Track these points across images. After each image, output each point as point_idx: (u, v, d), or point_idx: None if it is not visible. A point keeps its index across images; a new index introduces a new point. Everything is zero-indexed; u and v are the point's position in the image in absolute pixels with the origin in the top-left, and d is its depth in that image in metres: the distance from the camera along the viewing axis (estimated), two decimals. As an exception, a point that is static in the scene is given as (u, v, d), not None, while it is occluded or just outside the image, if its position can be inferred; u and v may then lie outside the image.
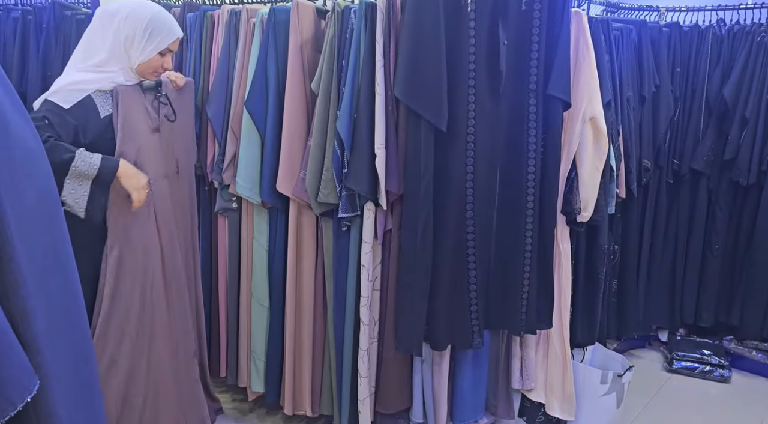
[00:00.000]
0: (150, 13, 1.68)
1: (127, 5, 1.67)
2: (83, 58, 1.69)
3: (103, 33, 1.67)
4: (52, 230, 0.86)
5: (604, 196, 2.20)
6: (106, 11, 1.69)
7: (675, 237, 2.93)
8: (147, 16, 1.67)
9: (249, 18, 2.02)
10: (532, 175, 1.93)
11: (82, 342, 0.92)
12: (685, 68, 2.79)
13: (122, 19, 1.66)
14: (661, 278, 2.94)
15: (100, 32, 1.68)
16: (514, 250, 1.96)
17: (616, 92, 2.34)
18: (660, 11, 2.92)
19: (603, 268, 2.34)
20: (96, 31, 1.69)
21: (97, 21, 1.70)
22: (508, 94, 1.88)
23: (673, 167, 2.85)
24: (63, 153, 1.55)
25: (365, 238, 1.94)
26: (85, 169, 1.57)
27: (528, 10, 1.83)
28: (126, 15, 1.66)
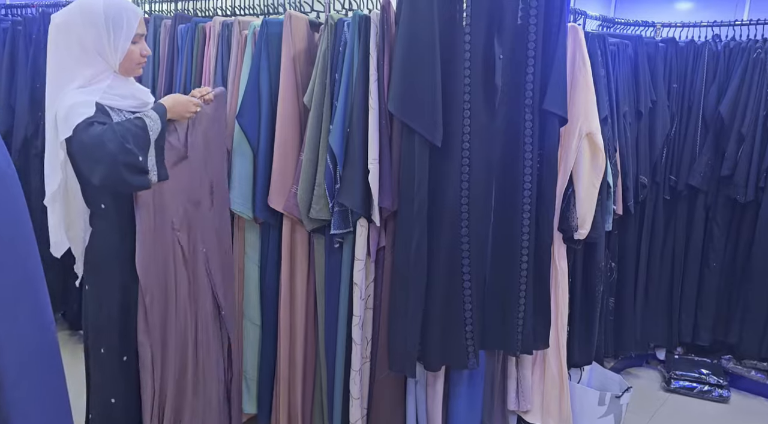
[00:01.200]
0: (101, 5, 1.50)
1: (73, 10, 1.51)
2: (62, 84, 1.50)
3: (68, 49, 1.50)
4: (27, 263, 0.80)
5: (601, 213, 2.17)
6: (58, 26, 1.52)
7: (672, 254, 2.89)
8: (99, 10, 1.49)
9: (241, 30, 1.99)
10: (528, 191, 1.89)
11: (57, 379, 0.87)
12: (681, 84, 2.77)
13: (78, 26, 1.49)
14: (658, 296, 2.90)
15: (64, 50, 1.51)
16: (510, 268, 1.92)
17: (612, 108, 2.31)
18: (656, 26, 2.91)
19: (600, 286, 2.30)
20: (59, 49, 1.51)
21: (54, 38, 1.52)
22: (503, 109, 1.85)
23: (669, 183, 2.82)
24: (131, 125, 1.45)
25: (358, 255, 1.89)
26: (156, 128, 1.49)
27: (524, 24, 1.80)
28: (80, 20, 1.49)
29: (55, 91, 1.52)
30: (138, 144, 1.44)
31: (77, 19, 1.49)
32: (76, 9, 1.50)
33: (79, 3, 1.51)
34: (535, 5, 1.79)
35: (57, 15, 1.52)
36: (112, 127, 1.42)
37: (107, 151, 1.38)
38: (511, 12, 1.80)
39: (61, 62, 1.52)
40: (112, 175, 1.40)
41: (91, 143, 1.39)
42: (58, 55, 1.52)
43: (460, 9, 1.75)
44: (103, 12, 1.49)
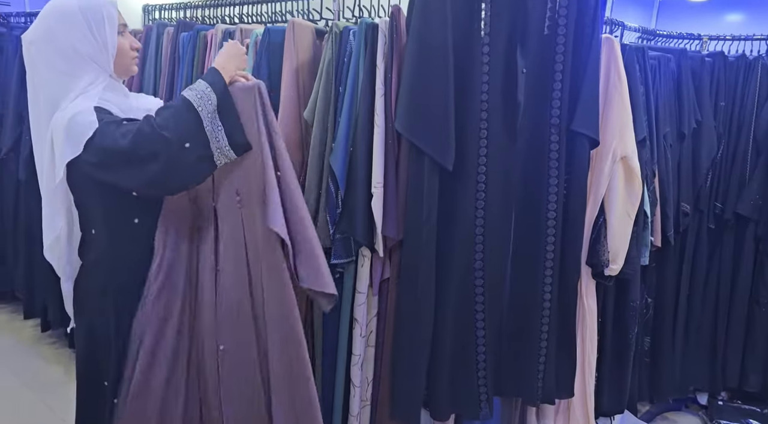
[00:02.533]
0: (74, 4, 1.32)
1: (46, 21, 1.32)
2: (58, 98, 1.32)
3: (56, 63, 1.31)
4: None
5: (636, 245, 1.94)
6: (35, 42, 1.32)
7: (717, 289, 2.61)
8: (74, 9, 1.32)
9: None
10: (552, 221, 1.68)
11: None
12: (730, 102, 2.51)
13: (60, 33, 1.31)
14: (700, 335, 2.62)
15: (51, 66, 1.32)
16: (531, 306, 1.71)
17: (651, 128, 2.08)
18: (702, 39, 2.66)
19: (634, 327, 2.05)
20: (45, 66, 1.32)
21: (35, 57, 1.33)
22: (526, 128, 1.65)
23: (715, 211, 2.55)
24: (171, 108, 1.29)
25: (359, 288, 1.70)
26: (206, 99, 1.30)
27: (551, 35, 1.60)
28: (59, 27, 1.31)
29: (45, 117, 1.33)
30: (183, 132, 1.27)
31: (56, 27, 1.31)
32: (50, 18, 1.32)
33: (50, 12, 1.33)
34: (564, 14, 1.59)
35: (29, 33, 1.34)
36: (145, 121, 1.26)
37: (152, 148, 1.24)
38: (536, 20, 1.60)
39: (50, 81, 1.33)
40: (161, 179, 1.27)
41: (128, 145, 1.23)
42: (44, 75, 1.33)
43: (478, 16, 1.56)
44: (78, 10, 1.32)
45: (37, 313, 3.04)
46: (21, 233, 3.04)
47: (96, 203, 1.37)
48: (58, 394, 2.59)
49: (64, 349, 2.92)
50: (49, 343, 3.05)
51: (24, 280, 3.05)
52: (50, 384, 2.67)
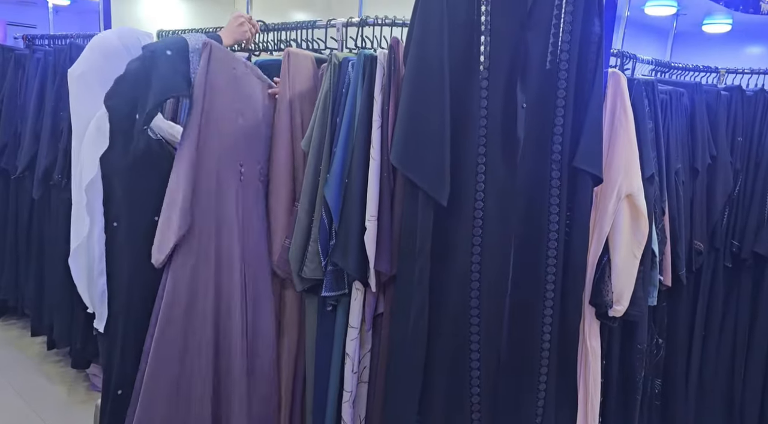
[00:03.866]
0: (114, 38, 1.57)
1: (91, 55, 1.56)
2: None
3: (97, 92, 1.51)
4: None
5: (643, 286, 1.86)
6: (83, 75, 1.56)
7: (734, 332, 2.50)
8: (115, 43, 1.57)
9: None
10: (553, 259, 1.62)
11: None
12: (748, 137, 2.43)
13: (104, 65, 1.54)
14: (716, 380, 2.51)
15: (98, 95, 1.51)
16: (529, 347, 1.64)
17: (661, 164, 2.01)
18: (719, 72, 2.59)
19: (641, 370, 1.96)
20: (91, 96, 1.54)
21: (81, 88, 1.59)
22: (526, 164, 1.60)
23: (732, 249, 2.46)
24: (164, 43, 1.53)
25: (352, 322, 1.66)
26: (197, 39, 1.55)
27: (553, 70, 1.56)
28: (103, 60, 1.54)
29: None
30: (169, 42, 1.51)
31: (100, 61, 1.54)
32: (95, 52, 1.55)
33: (92, 48, 1.56)
34: (567, 49, 1.55)
35: (75, 68, 1.55)
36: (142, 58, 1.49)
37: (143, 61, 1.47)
38: (538, 54, 1.56)
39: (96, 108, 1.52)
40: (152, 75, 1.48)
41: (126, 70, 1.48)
42: (90, 103, 1.53)
43: (477, 50, 1.54)
44: (120, 44, 1.55)
45: (44, 330, 3.06)
46: (33, 251, 3.08)
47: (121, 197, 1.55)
48: (58, 413, 2.58)
49: (68, 368, 2.93)
50: (54, 361, 3.07)
51: (33, 297, 3.08)
52: (51, 403, 2.67)
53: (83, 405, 2.67)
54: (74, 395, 2.78)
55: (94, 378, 2.92)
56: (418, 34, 1.52)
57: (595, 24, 1.55)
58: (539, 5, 1.54)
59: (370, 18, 1.78)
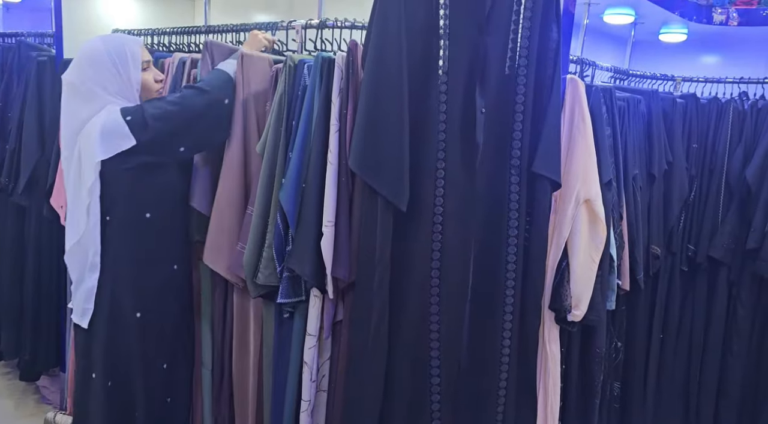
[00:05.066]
0: (101, 47, 1.57)
1: (80, 63, 1.58)
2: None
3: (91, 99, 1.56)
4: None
5: (601, 290, 1.87)
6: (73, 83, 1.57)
7: (690, 335, 2.56)
8: (101, 51, 1.56)
9: (191, 69, 1.80)
10: (512, 265, 1.62)
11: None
12: (702, 144, 2.49)
13: (91, 74, 1.56)
14: (673, 381, 2.55)
15: (88, 102, 1.56)
16: (489, 354, 1.63)
17: (619, 170, 2.04)
18: (675, 80, 2.65)
19: (600, 375, 1.98)
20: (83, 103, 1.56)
21: (72, 96, 1.59)
22: (485, 169, 1.59)
23: (688, 254, 2.51)
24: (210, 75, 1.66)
25: (309, 330, 1.63)
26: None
27: (512, 75, 1.56)
28: (90, 69, 1.56)
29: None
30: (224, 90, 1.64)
31: (87, 70, 1.56)
32: (83, 61, 1.57)
33: (81, 55, 1.58)
34: (525, 54, 1.55)
35: (67, 74, 1.58)
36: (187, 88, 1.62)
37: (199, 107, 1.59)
38: (497, 60, 1.56)
39: (84, 115, 1.56)
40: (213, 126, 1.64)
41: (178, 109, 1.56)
42: (80, 110, 1.56)
43: (436, 53, 1.53)
44: (105, 52, 1.56)
45: (-10, 342, 2.92)
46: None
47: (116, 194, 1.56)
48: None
49: (16, 381, 2.80)
50: (1, 374, 2.93)
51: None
52: None
53: (32, 418, 2.56)
54: (22, 409, 2.67)
55: (45, 390, 2.80)
56: (376, 38, 1.50)
57: (552, 30, 1.56)
58: (497, 10, 1.54)
59: (329, 20, 1.75)
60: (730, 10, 2.61)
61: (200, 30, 2.17)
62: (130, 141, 1.50)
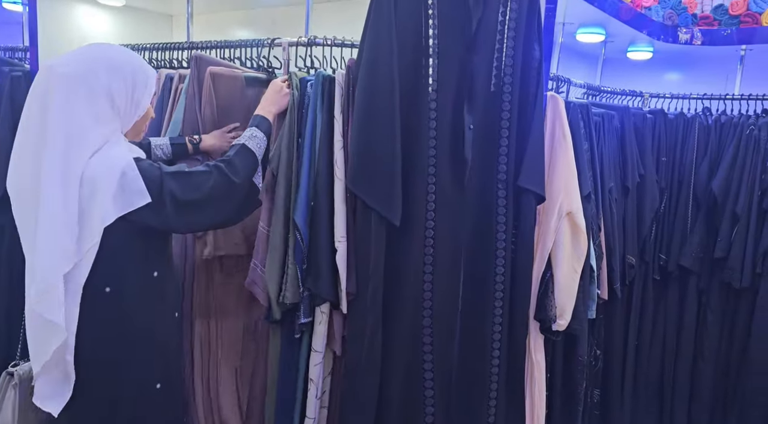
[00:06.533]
0: (125, 56, 1.33)
1: (94, 58, 1.29)
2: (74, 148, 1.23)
3: (91, 104, 1.25)
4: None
5: (583, 300, 1.93)
6: (73, 76, 1.25)
7: (663, 341, 2.65)
8: (125, 60, 1.32)
9: (179, 84, 1.80)
10: (501, 276, 1.67)
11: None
12: (671, 157, 2.60)
13: (104, 76, 1.27)
14: (648, 387, 2.64)
15: (84, 104, 1.24)
16: (479, 362, 1.67)
17: (596, 183, 2.12)
18: (643, 96, 2.77)
19: (582, 382, 2.03)
20: (77, 103, 1.24)
21: (67, 91, 1.24)
22: (474, 184, 1.64)
23: (660, 263, 2.61)
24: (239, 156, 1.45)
25: (316, 346, 1.62)
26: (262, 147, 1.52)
27: (497, 92, 1.62)
28: (105, 70, 1.27)
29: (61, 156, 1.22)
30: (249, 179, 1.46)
31: (101, 73, 1.27)
32: (98, 62, 1.28)
33: (98, 56, 1.30)
34: (510, 72, 1.61)
35: (66, 64, 1.25)
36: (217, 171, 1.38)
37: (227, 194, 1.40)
38: (483, 77, 1.62)
39: (75, 120, 1.24)
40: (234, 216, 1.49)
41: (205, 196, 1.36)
42: (72, 112, 1.24)
43: (425, 73, 1.57)
44: (128, 64, 1.32)
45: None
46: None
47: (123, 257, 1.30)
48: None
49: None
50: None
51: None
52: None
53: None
54: None
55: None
56: (368, 58, 1.54)
57: (535, 49, 1.62)
58: (483, 29, 1.59)
59: (318, 38, 1.78)
60: (695, 30, 2.74)
61: (183, 46, 2.17)
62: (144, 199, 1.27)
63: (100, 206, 1.22)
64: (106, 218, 1.23)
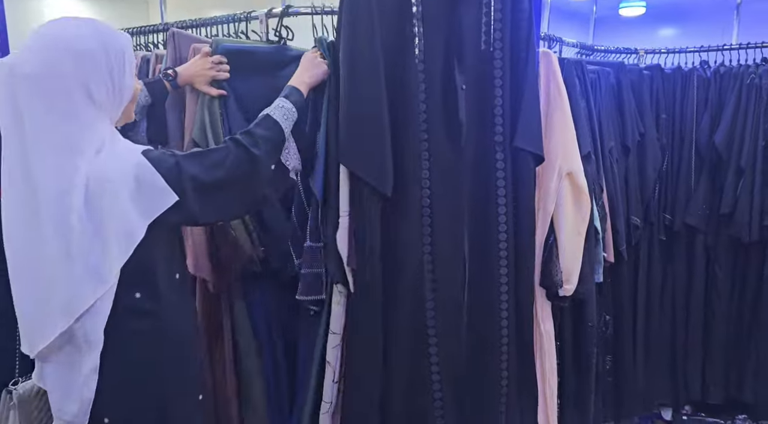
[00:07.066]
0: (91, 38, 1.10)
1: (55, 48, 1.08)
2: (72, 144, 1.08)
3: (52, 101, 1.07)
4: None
5: (589, 263, 1.87)
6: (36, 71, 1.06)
7: (672, 302, 2.59)
8: (94, 46, 1.09)
9: (157, 64, 1.72)
10: (504, 243, 1.60)
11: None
12: (670, 114, 2.52)
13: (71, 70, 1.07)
14: (660, 350, 2.59)
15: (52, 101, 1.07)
16: (489, 338, 1.60)
17: (596, 142, 2.05)
18: (638, 53, 2.68)
19: (593, 348, 1.98)
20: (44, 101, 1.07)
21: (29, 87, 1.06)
22: (470, 147, 1.56)
23: (665, 223, 2.54)
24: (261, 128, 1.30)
25: (333, 328, 1.55)
26: (291, 118, 1.38)
27: (488, 50, 1.54)
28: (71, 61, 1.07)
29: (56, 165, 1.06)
30: (275, 153, 1.33)
31: (67, 65, 1.07)
32: (60, 52, 1.07)
33: (58, 45, 1.08)
34: (499, 27, 1.53)
35: (23, 65, 1.06)
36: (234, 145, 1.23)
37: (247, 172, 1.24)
38: (472, 35, 1.53)
39: (54, 125, 1.07)
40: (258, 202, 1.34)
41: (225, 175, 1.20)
42: (43, 117, 1.06)
43: (410, 34, 1.49)
44: (99, 47, 1.09)
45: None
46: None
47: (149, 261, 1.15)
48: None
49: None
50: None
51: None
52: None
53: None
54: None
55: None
56: (348, 29, 1.45)
57: (524, 1, 1.54)
58: (470, -15, 1.51)
59: (293, 8, 1.70)
60: (687, -20, 2.66)
61: (158, 28, 2.09)
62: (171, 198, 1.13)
63: (121, 218, 1.08)
64: (136, 233, 1.08)
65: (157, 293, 1.16)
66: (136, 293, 1.14)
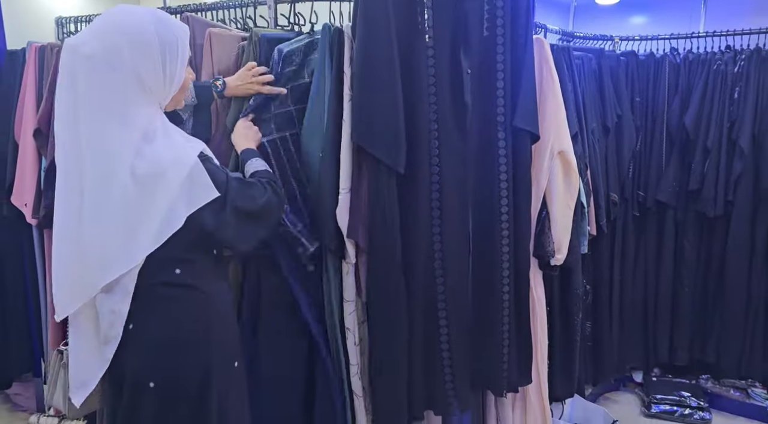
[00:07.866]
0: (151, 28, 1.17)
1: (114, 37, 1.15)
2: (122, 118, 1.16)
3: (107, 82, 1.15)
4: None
5: (576, 235, 2.03)
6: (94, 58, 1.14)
7: (645, 273, 2.80)
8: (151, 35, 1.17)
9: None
10: (506, 215, 1.73)
11: None
12: (644, 97, 2.70)
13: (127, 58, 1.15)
14: (633, 316, 2.79)
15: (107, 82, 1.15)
16: (493, 300, 1.74)
17: (581, 123, 2.20)
18: (614, 40, 2.85)
19: (578, 314, 2.15)
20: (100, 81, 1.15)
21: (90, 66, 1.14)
22: (475, 127, 1.69)
23: (638, 200, 2.73)
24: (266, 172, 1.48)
25: (347, 296, 1.67)
26: None
27: (490, 36, 1.66)
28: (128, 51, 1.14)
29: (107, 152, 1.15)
30: None
31: (125, 50, 1.14)
32: (120, 38, 1.14)
33: (120, 30, 1.15)
34: (501, 15, 1.65)
35: (87, 46, 1.13)
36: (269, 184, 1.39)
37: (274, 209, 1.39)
38: (476, 23, 1.65)
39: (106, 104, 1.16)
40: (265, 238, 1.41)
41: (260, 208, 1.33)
42: (98, 95, 1.15)
43: (421, 21, 1.59)
44: (155, 36, 1.16)
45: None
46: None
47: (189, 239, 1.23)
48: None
49: None
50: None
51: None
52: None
53: (8, 428, 2.46)
54: (-4, 420, 2.55)
55: (18, 397, 2.70)
56: (364, 11, 1.55)
57: (523, -10, 1.66)
58: (473, -25, 1.62)
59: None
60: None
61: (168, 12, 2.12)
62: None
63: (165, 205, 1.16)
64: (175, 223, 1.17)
65: (195, 269, 1.27)
66: (176, 270, 1.24)
